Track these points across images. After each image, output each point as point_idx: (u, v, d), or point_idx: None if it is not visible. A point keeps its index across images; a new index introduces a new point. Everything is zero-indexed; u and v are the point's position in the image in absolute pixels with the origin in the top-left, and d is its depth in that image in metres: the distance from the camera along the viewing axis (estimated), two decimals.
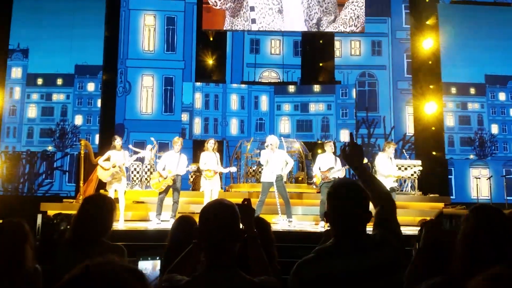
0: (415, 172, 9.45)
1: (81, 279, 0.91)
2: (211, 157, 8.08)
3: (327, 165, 8.04)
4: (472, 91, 15.07)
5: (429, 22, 14.82)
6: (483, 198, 12.11)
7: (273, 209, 8.05)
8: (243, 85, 15.58)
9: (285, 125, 15.40)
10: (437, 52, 14.60)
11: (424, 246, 2.26)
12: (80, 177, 9.24)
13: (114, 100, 14.64)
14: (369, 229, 1.86)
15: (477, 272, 1.05)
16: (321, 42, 15.20)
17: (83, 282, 0.91)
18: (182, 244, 2.20)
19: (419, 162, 10.48)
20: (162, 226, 7.36)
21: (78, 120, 14.46)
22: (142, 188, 10.47)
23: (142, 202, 9.39)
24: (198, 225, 1.79)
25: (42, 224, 4.83)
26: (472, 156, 14.61)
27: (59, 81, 14.53)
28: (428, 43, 14.26)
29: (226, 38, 15.40)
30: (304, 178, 11.20)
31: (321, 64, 15.30)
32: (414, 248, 2.61)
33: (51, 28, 14.14)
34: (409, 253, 2.80)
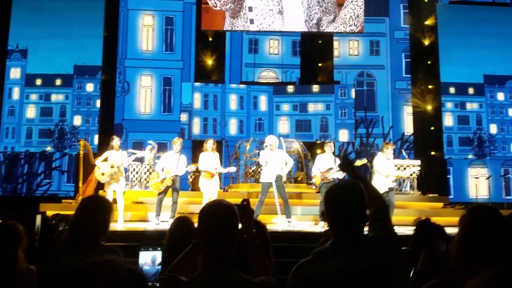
0: (414, 172, 9.46)
1: (80, 278, 0.92)
2: (210, 157, 8.08)
3: (326, 166, 8.05)
4: (471, 91, 15.08)
5: (428, 22, 14.85)
6: (482, 197, 12.12)
7: (272, 209, 8.06)
8: (242, 85, 15.57)
9: (284, 125, 15.39)
10: (436, 52, 14.63)
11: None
12: (79, 178, 9.23)
13: (113, 100, 14.61)
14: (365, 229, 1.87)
15: (474, 272, 1.05)
16: (320, 42, 15.20)
17: (82, 282, 0.91)
18: (180, 245, 2.21)
19: (418, 162, 10.48)
20: (161, 226, 7.35)
21: (77, 120, 14.44)
22: (141, 189, 10.46)
23: (141, 203, 9.38)
24: (197, 225, 1.80)
25: (41, 225, 4.82)
26: (470, 156, 14.62)
27: (58, 82, 14.51)
28: (427, 43, 14.27)
29: (225, 39, 15.39)
30: (303, 178, 11.20)
31: (320, 64, 15.30)
32: (410, 247, 2.61)
33: (50, 28, 14.10)
34: (406, 253, 2.80)
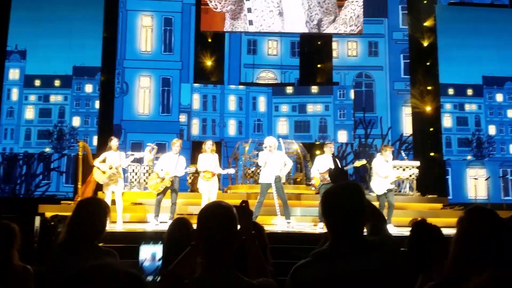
0: (412, 174, 9.46)
1: (79, 281, 0.92)
2: (209, 158, 8.07)
3: (325, 167, 8.04)
4: (470, 92, 15.10)
5: (427, 24, 14.88)
6: (481, 198, 12.12)
7: (271, 210, 8.05)
8: (241, 86, 15.57)
9: (283, 126, 15.40)
10: (435, 53, 14.65)
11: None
12: (78, 179, 9.22)
13: (113, 101, 14.62)
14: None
15: (472, 273, 1.05)
16: (319, 44, 15.21)
17: (82, 285, 0.91)
18: (179, 246, 2.20)
19: (417, 163, 10.48)
20: (160, 227, 7.34)
21: (76, 121, 14.42)
22: (140, 190, 10.44)
23: (140, 204, 9.37)
24: (196, 226, 1.80)
25: (40, 226, 4.81)
26: (469, 157, 14.63)
27: (57, 83, 14.49)
28: (426, 44, 14.30)
29: (225, 40, 15.39)
30: (302, 179, 11.19)
31: (319, 65, 15.30)
32: (408, 246, 2.61)
33: (49, 29, 14.09)
34: (404, 254, 2.80)
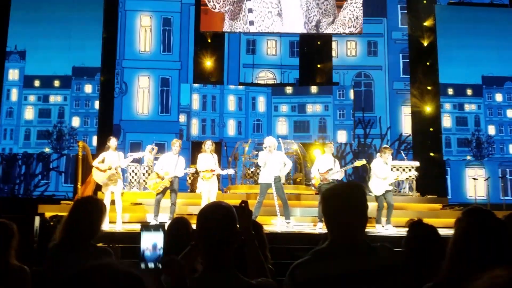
0: (411, 176, 9.44)
1: (79, 282, 0.91)
2: (208, 158, 8.06)
3: (326, 167, 8.04)
4: (469, 92, 15.11)
5: (427, 24, 14.88)
6: (480, 198, 12.13)
7: (271, 211, 8.05)
8: (240, 86, 15.57)
9: (282, 126, 15.40)
10: (434, 53, 14.66)
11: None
12: (78, 179, 9.20)
13: (112, 101, 14.63)
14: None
15: (470, 273, 1.05)
16: (319, 44, 15.21)
17: (82, 285, 0.91)
18: (178, 246, 2.21)
19: (416, 163, 10.47)
20: None
21: (75, 122, 14.43)
22: (140, 190, 10.44)
23: (140, 204, 9.36)
24: (196, 227, 1.80)
25: (39, 226, 4.81)
26: (469, 157, 14.64)
27: (56, 83, 14.49)
28: (425, 44, 14.31)
29: (224, 40, 15.39)
30: (302, 179, 11.19)
31: (319, 65, 15.30)
32: (404, 246, 2.62)
33: (48, 30, 14.10)
34: (401, 254, 2.80)
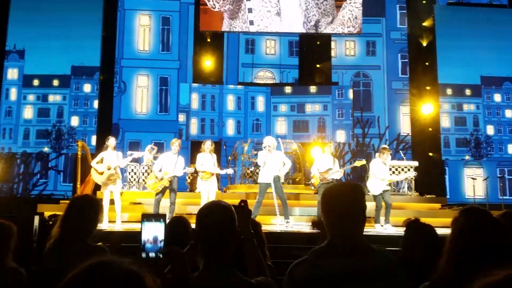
0: (408, 177, 9.44)
1: (80, 280, 0.92)
2: (207, 158, 8.06)
3: (325, 166, 8.05)
4: (468, 92, 15.12)
5: (426, 24, 14.89)
6: (478, 198, 12.14)
7: (270, 210, 8.06)
8: (239, 86, 15.57)
9: (281, 125, 15.40)
10: (433, 53, 14.66)
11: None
12: (77, 178, 9.21)
13: (111, 101, 14.62)
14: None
15: (468, 273, 1.06)
16: (318, 44, 15.21)
17: (82, 284, 0.91)
18: (177, 245, 2.20)
19: (415, 163, 10.48)
20: None
21: (75, 121, 14.42)
22: (139, 189, 10.44)
23: (139, 203, 9.36)
24: (195, 226, 1.80)
25: (38, 226, 4.80)
26: (467, 157, 14.65)
27: (55, 82, 14.48)
28: (425, 44, 14.32)
29: (223, 39, 15.38)
30: (301, 179, 11.20)
31: (318, 65, 15.30)
32: (402, 246, 2.62)
33: (48, 29, 14.08)
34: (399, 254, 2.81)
